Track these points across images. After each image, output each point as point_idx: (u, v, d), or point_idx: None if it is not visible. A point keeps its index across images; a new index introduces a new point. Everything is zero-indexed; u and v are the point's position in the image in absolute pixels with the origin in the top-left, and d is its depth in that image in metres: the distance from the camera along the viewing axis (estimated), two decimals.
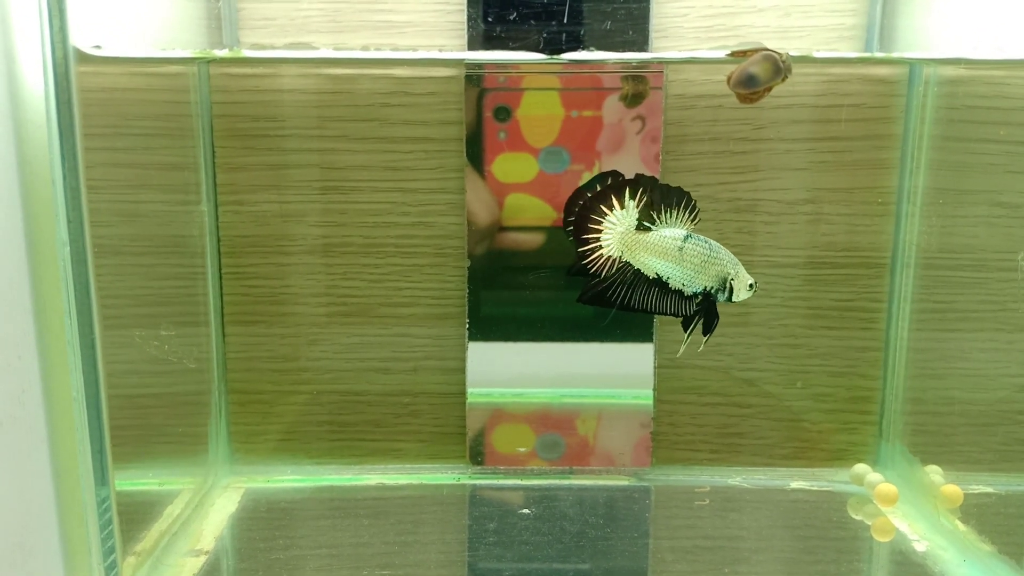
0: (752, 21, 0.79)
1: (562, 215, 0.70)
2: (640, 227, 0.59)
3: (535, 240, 0.81)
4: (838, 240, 0.82)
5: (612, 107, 0.78)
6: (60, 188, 0.52)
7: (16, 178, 0.52)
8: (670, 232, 0.60)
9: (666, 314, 0.61)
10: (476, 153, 0.79)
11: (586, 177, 0.79)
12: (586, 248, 0.60)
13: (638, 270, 0.60)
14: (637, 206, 0.59)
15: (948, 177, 0.77)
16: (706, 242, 0.60)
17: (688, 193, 0.60)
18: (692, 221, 0.60)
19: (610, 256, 0.60)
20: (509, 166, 0.79)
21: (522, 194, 0.80)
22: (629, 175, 0.77)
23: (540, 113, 0.78)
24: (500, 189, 0.80)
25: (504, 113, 0.78)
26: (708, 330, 0.61)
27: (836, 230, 0.82)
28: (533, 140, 0.79)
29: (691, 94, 0.79)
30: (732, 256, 0.61)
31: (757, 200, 0.81)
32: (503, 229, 0.81)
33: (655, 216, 0.59)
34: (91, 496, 0.57)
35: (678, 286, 0.60)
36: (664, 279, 0.60)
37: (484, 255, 0.81)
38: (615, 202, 0.59)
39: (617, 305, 0.60)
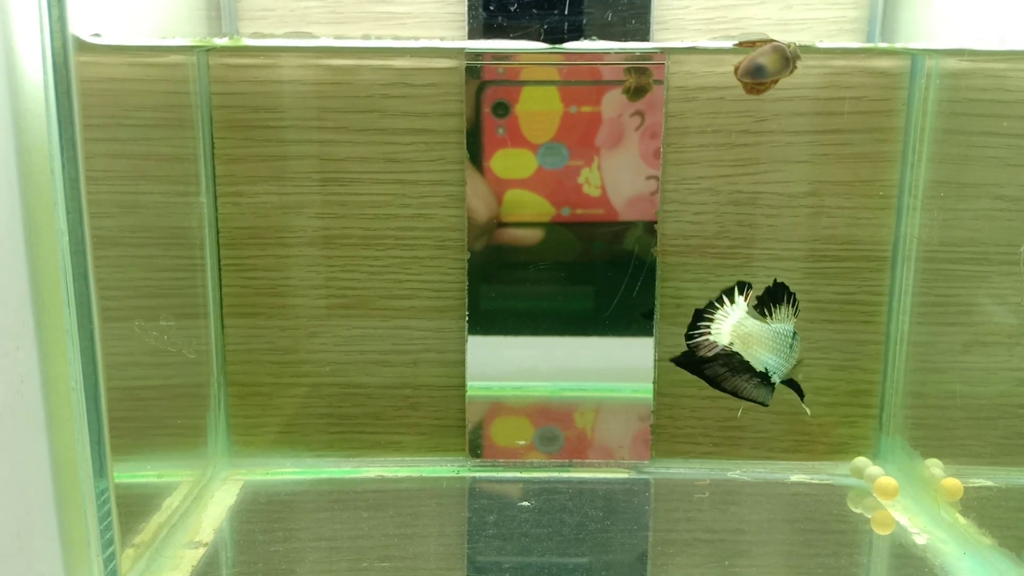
0: (753, 13, 0.78)
1: (559, 211, 0.72)
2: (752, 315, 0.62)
3: (534, 235, 0.80)
4: (839, 233, 0.82)
5: (611, 102, 0.78)
6: (59, 178, 0.52)
7: (15, 168, 0.51)
8: (782, 327, 0.61)
9: (754, 402, 0.62)
10: (475, 148, 0.79)
11: (584, 174, 0.79)
12: (696, 335, 0.62)
13: (744, 360, 0.62)
14: (746, 299, 0.62)
15: (949, 170, 0.76)
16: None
17: (789, 288, 0.63)
18: (795, 315, 0.62)
19: (718, 344, 0.62)
20: (508, 162, 0.79)
21: (521, 189, 0.80)
22: (632, 172, 0.79)
23: (539, 109, 0.78)
24: (499, 184, 0.80)
25: (503, 109, 0.78)
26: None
27: (837, 223, 0.82)
28: (532, 136, 0.79)
29: (693, 86, 0.79)
30: None
31: (758, 193, 0.81)
32: (502, 224, 0.80)
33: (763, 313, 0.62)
34: (90, 488, 0.57)
35: (778, 379, 0.63)
36: (769, 373, 0.62)
37: (483, 249, 0.81)
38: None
39: (709, 381, 0.63)
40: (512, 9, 0.74)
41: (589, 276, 0.81)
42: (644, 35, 0.76)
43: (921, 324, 0.81)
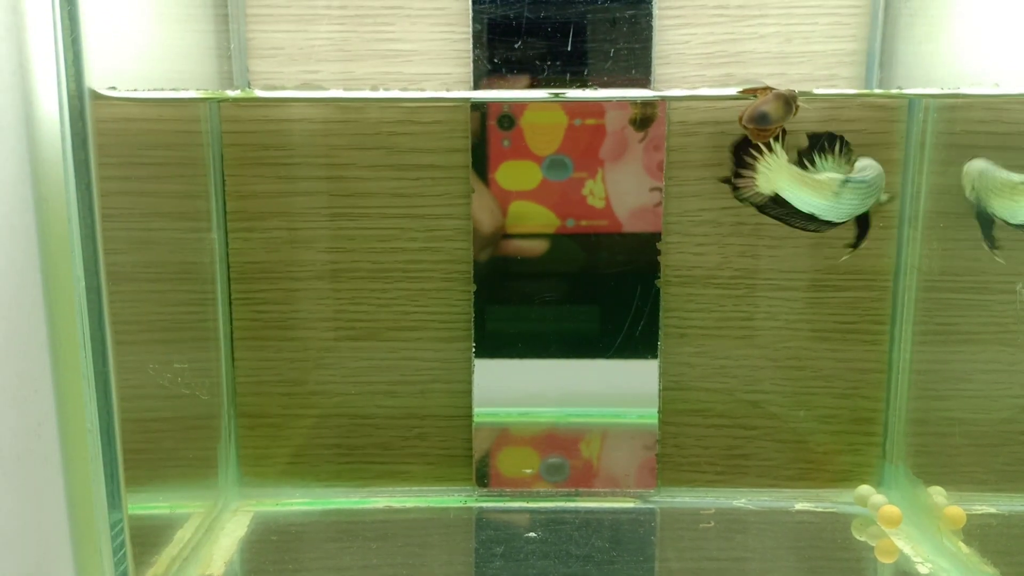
0: (754, 47, 0.80)
1: (563, 222, 0.77)
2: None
3: (539, 247, 0.81)
4: (841, 263, 0.83)
5: (615, 115, 0.79)
6: (76, 226, 0.53)
7: (33, 216, 0.53)
8: (827, 175, 0.69)
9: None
10: (480, 161, 0.80)
11: (589, 186, 0.80)
12: (741, 187, 0.70)
13: (792, 205, 0.70)
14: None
15: (949, 201, 0.77)
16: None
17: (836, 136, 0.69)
18: (847, 161, 0.69)
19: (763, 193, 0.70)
20: (513, 174, 0.80)
21: (526, 201, 0.81)
22: (636, 183, 0.79)
23: (544, 121, 0.79)
24: (504, 196, 0.81)
25: (508, 121, 0.79)
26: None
27: (839, 253, 0.83)
28: (537, 148, 0.80)
29: (693, 120, 0.80)
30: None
31: (760, 224, 0.82)
32: (507, 236, 0.81)
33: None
34: (104, 522, 0.58)
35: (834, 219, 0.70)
36: (817, 216, 0.69)
37: (489, 266, 0.82)
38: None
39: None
40: (515, 55, 0.76)
41: (594, 290, 0.82)
42: (645, 75, 0.77)
43: (923, 352, 0.81)
